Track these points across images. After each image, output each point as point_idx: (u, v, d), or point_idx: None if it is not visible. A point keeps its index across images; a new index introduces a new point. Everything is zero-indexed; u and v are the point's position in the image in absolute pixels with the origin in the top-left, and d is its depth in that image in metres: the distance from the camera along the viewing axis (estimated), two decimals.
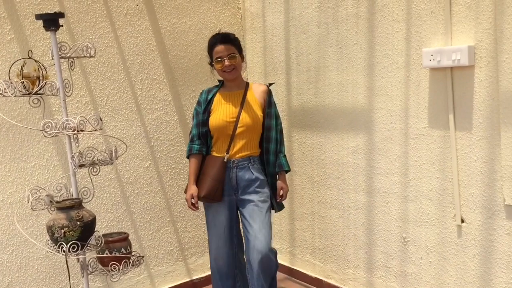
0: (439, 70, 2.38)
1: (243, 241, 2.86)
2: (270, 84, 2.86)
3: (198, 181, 2.72)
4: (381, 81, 2.68)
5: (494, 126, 2.21)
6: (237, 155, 2.70)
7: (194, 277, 3.47)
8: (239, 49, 2.72)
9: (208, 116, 2.71)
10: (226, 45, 2.65)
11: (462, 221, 2.41)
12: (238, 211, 2.79)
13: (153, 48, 3.22)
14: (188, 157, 2.78)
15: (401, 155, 2.64)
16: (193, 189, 2.71)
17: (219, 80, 2.85)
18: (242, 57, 2.75)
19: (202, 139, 2.74)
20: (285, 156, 2.81)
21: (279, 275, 3.45)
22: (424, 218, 2.58)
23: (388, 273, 2.82)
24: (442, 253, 2.52)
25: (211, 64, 2.76)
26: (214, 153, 2.73)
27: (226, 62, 2.64)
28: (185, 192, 2.81)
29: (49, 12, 2.60)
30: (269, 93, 2.79)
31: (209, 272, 3.50)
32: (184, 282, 3.42)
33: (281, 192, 2.79)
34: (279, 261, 3.48)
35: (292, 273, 3.47)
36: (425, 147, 2.51)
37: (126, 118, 3.14)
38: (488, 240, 2.31)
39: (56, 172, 2.89)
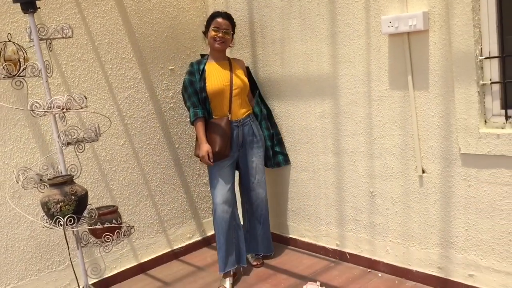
0: (397, 36, 2.60)
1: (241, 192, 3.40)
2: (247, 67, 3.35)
3: (209, 141, 3.03)
4: (344, 49, 2.88)
5: (448, 84, 2.46)
6: (239, 114, 3.12)
7: (175, 247, 3.62)
8: (233, 31, 3.17)
9: (205, 83, 3.05)
10: (226, 21, 3.08)
11: (423, 171, 2.67)
12: (240, 163, 3.23)
13: (120, 28, 3.28)
14: (193, 122, 3.06)
15: (366, 117, 2.87)
16: (207, 147, 3.01)
17: (202, 55, 3.25)
18: (232, 38, 3.17)
19: (203, 104, 3.07)
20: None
21: None
22: (388, 172, 2.83)
23: (358, 225, 3.08)
24: (406, 202, 2.79)
25: (205, 32, 3.15)
26: (216, 116, 3.09)
27: (221, 34, 3.05)
28: (196, 155, 3.14)
29: None
30: (247, 68, 3.32)
31: (188, 241, 3.69)
32: (166, 253, 3.57)
33: None
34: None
35: None
36: (387, 107, 2.75)
37: (99, 98, 3.20)
38: (447, 187, 2.59)
39: (34, 154, 2.93)
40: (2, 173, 2.82)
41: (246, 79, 3.18)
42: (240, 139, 3.14)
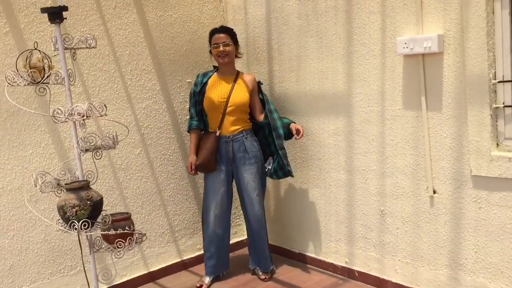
0: (412, 57, 2.64)
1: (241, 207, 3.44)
2: (259, 82, 3.36)
3: (197, 152, 3.22)
4: (359, 68, 2.92)
5: (462, 106, 2.49)
6: (231, 130, 3.18)
7: (185, 258, 3.66)
8: (234, 41, 3.22)
9: (203, 96, 3.19)
10: (223, 34, 3.16)
11: (434, 192, 2.68)
12: (234, 180, 3.29)
13: (141, 40, 3.37)
14: (188, 131, 3.31)
15: (378, 135, 2.90)
16: (192, 158, 3.24)
17: (214, 66, 3.31)
18: (237, 48, 3.25)
19: (199, 116, 3.23)
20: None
21: None
22: (399, 192, 2.85)
23: (367, 243, 3.09)
24: (417, 222, 2.79)
25: (210, 50, 3.26)
26: (210, 129, 3.23)
27: (221, 48, 3.12)
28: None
29: (47, 6, 2.73)
30: (258, 83, 3.32)
31: (198, 252, 3.71)
32: (175, 263, 3.60)
33: (295, 131, 3.15)
34: None
35: (276, 250, 3.69)
36: (400, 127, 2.78)
37: (118, 107, 3.28)
38: (458, 208, 2.59)
39: (53, 159, 3.01)
40: (20, 177, 2.90)
41: (246, 97, 3.19)
42: (230, 154, 3.19)
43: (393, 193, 2.88)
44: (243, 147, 3.19)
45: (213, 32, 3.19)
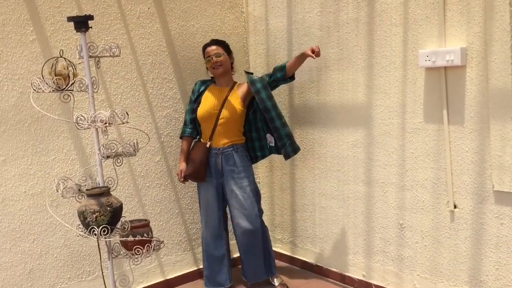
0: (434, 70, 2.62)
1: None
2: (247, 72, 3.28)
3: (188, 160, 3.23)
4: (380, 80, 2.91)
5: (484, 120, 2.46)
6: (221, 143, 3.17)
7: (201, 266, 3.64)
8: (227, 51, 3.23)
9: (197, 106, 3.21)
10: (213, 46, 3.20)
11: (455, 206, 2.65)
12: (224, 192, 3.25)
13: (163, 49, 3.41)
14: (180, 137, 3.31)
15: (399, 148, 2.88)
16: (182, 166, 3.24)
17: (211, 77, 3.33)
18: (231, 58, 3.25)
19: (193, 124, 3.25)
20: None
21: (280, 263, 3.67)
22: (419, 205, 2.82)
23: (385, 257, 3.05)
24: (436, 237, 2.76)
25: (207, 68, 3.27)
26: (202, 139, 3.24)
27: (214, 59, 3.15)
28: None
29: (73, 15, 2.79)
30: (251, 84, 3.12)
31: None
32: (192, 271, 3.61)
33: (311, 52, 2.94)
34: (281, 251, 3.72)
35: (293, 261, 3.68)
36: (421, 140, 2.75)
37: (139, 115, 3.32)
38: (479, 224, 2.55)
39: (74, 165, 3.06)
40: (42, 182, 2.95)
41: (239, 109, 3.14)
42: (219, 167, 3.18)
43: (412, 207, 2.85)
44: (233, 161, 3.16)
45: (205, 47, 3.23)
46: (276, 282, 3.35)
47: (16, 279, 2.88)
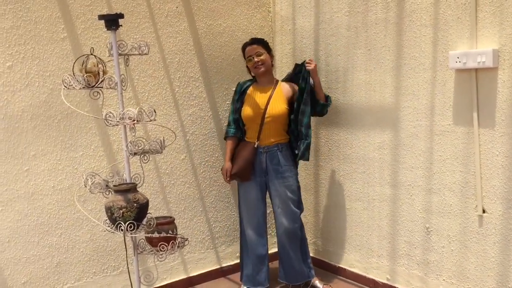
0: (464, 71, 2.58)
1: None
2: (297, 65, 3.23)
3: (233, 160, 3.23)
4: (408, 81, 2.88)
5: None
6: (267, 142, 3.16)
7: (224, 265, 3.67)
8: (267, 49, 3.22)
9: (241, 106, 3.21)
10: (253, 45, 3.18)
11: (484, 211, 2.59)
12: (267, 191, 3.26)
13: (190, 48, 3.43)
14: (225, 138, 3.32)
15: (426, 150, 2.83)
16: (228, 166, 3.23)
17: (252, 76, 3.30)
18: (271, 56, 3.24)
19: (236, 124, 3.25)
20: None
21: None
22: (447, 209, 2.77)
23: (410, 261, 3.01)
24: (464, 242, 2.71)
25: (248, 67, 3.25)
26: (247, 139, 3.23)
27: (255, 59, 3.13)
28: (221, 169, 3.34)
29: (104, 13, 2.83)
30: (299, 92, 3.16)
31: (237, 260, 3.71)
32: (214, 269, 3.62)
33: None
34: None
35: (316, 263, 3.65)
36: (449, 142, 2.71)
37: (165, 113, 3.35)
38: (508, 229, 2.50)
39: (102, 161, 3.10)
40: (71, 177, 3.00)
41: (284, 108, 3.14)
42: (264, 165, 3.17)
43: (439, 211, 2.81)
44: (277, 160, 3.15)
45: (245, 46, 3.21)
46: (319, 284, 3.31)
47: (44, 272, 2.94)
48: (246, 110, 3.18)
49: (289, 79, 3.28)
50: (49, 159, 2.93)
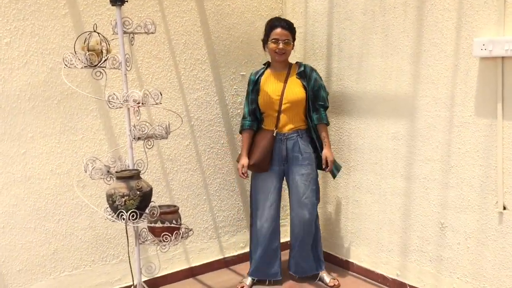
0: (489, 60, 2.43)
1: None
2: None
3: (249, 152, 3.08)
4: (428, 69, 2.73)
5: None
6: (286, 129, 3.02)
7: (227, 255, 3.56)
8: (294, 38, 3.05)
9: (257, 95, 3.05)
10: (285, 31, 2.97)
11: (504, 208, 2.47)
12: (285, 179, 3.13)
13: (197, 29, 3.28)
14: (240, 132, 3.16)
15: (444, 143, 2.70)
16: (244, 160, 3.07)
17: (264, 64, 3.15)
18: (293, 46, 3.06)
19: (252, 115, 3.09)
20: (325, 112, 3.08)
21: None
22: (464, 205, 2.64)
23: (423, 257, 2.89)
24: (481, 239, 2.58)
25: (264, 41, 3.06)
26: (265, 127, 3.08)
27: (281, 45, 2.95)
28: (236, 161, 3.21)
29: None
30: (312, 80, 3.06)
31: (240, 251, 3.61)
32: (217, 260, 3.51)
33: (327, 163, 3.06)
34: None
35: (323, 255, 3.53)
36: (470, 135, 2.57)
37: (170, 97, 3.20)
38: None
39: (102, 146, 2.97)
40: (70, 162, 2.86)
41: (301, 92, 3.00)
42: (284, 153, 3.04)
43: (456, 206, 2.68)
44: (297, 147, 3.02)
45: (275, 25, 2.98)
46: (326, 278, 3.20)
47: (40, 259, 2.81)
48: (263, 98, 3.03)
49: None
50: (48, 141, 2.79)
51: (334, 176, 3.15)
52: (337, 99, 3.30)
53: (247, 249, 3.62)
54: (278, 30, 2.95)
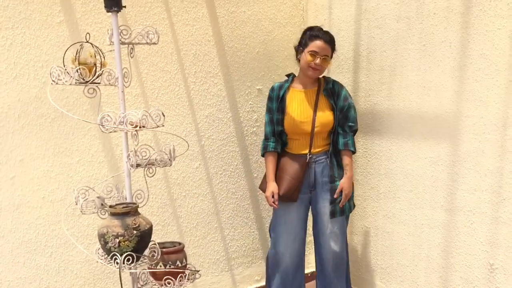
0: None
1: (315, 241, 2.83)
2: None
3: (276, 179, 2.66)
4: (474, 85, 2.35)
5: None
6: (315, 151, 2.67)
7: None
8: (332, 55, 2.68)
9: (283, 114, 2.66)
10: (327, 45, 2.60)
11: None
12: (312, 208, 2.77)
13: (209, 39, 2.95)
14: (263, 155, 2.76)
15: (495, 170, 2.31)
16: (273, 186, 2.67)
17: (287, 75, 2.79)
18: (330, 64, 2.72)
19: (277, 136, 2.70)
20: (352, 137, 2.67)
21: None
22: None
23: None
24: None
25: (299, 50, 2.67)
26: (290, 151, 2.70)
27: (318, 61, 2.59)
28: (260, 188, 2.82)
29: None
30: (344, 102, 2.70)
31: (256, 285, 3.25)
32: None
33: (340, 194, 2.64)
34: None
35: None
36: None
37: (177, 114, 2.87)
38: None
39: (102, 169, 2.64)
40: (64, 188, 2.55)
41: (331, 114, 2.65)
42: (312, 178, 2.68)
43: (509, 245, 2.28)
44: (327, 170, 2.65)
45: (317, 36, 2.60)
46: None
47: None
48: (291, 120, 2.64)
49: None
50: (40, 165, 2.47)
51: (343, 214, 2.70)
52: (365, 117, 2.93)
53: (263, 283, 3.26)
54: (320, 42, 2.58)
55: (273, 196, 2.65)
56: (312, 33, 2.63)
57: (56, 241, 2.55)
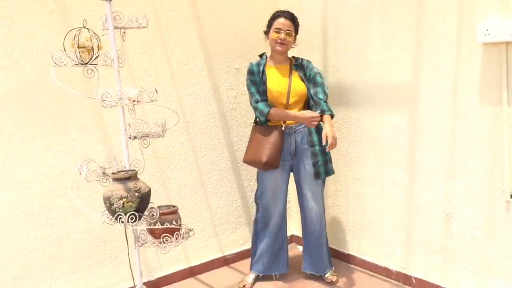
0: (493, 45, 2.37)
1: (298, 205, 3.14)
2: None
3: (257, 148, 2.92)
4: (429, 57, 2.66)
5: None
6: (292, 122, 2.92)
7: (226, 253, 3.49)
8: (296, 31, 2.97)
9: (265, 86, 2.92)
10: (288, 21, 2.91)
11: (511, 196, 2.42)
12: (294, 174, 3.04)
13: (189, 23, 3.18)
14: (267, 113, 2.86)
15: (447, 132, 2.64)
16: (308, 112, 2.84)
17: (260, 55, 3.05)
18: (295, 39, 2.98)
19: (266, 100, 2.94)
20: (326, 102, 2.88)
21: None
22: (469, 195, 2.59)
23: (427, 249, 2.84)
24: (488, 229, 2.54)
25: (266, 32, 2.99)
26: (270, 123, 2.95)
27: (283, 35, 2.88)
28: (244, 159, 3.02)
29: None
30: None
31: (240, 248, 3.55)
32: (217, 258, 3.44)
33: (326, 139, 2.74)
34: None
35: None
36: (474, 123, 2.51)
37: (163, 93, 3.10)
38: None
39: (96, 145, 2.87)
40: (63, 163, 2.76)
41: (304, 85, 2.93)
42: (293, 147, 2.95)
43: (461, 196, 2.63)
44: (306, 139, 2.93)
45: (278, 15, 2.91)
46: (328, 273, 3.14)
47: (35, 266, 2.72)
48: (270, 92, 2.90)
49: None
50: (38, 144, 2.69)
51: (327, 174, 2.98)
52: (334, 90, 3.22)
53: (247, 246, 3.56)
54: (281, 20, 2.89)
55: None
56: (274, 14, 2.96)
57: (57, 213, 2.77)
